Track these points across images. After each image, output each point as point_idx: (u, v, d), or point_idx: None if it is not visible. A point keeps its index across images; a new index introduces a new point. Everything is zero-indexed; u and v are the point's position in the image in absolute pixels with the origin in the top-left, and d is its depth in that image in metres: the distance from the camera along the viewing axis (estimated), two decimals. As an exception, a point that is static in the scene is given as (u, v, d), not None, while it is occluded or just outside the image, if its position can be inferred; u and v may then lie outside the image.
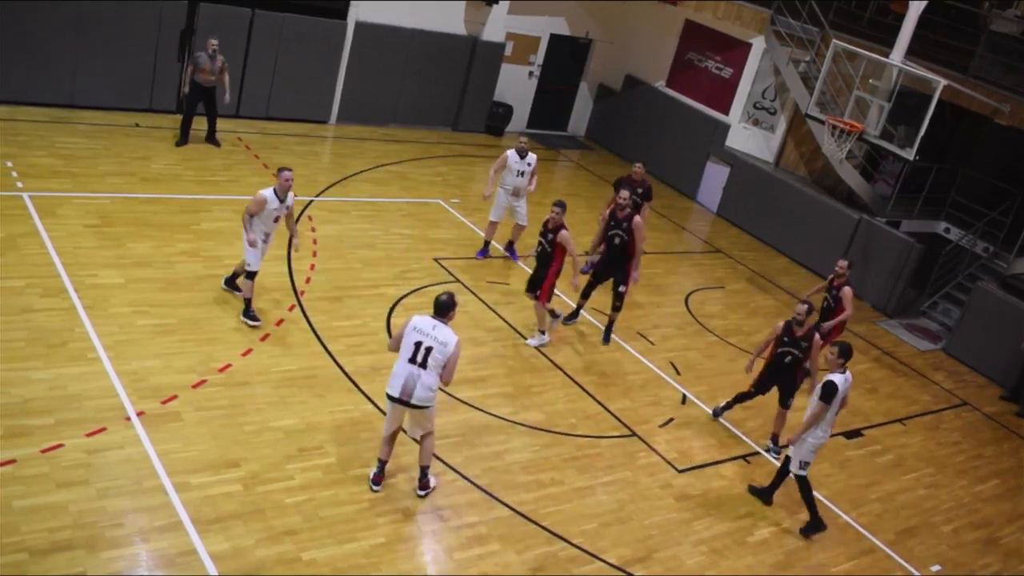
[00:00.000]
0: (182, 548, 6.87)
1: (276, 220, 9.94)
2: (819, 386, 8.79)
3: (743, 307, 14.35)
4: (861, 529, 9.61)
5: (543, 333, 11.37)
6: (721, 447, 10.33)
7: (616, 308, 11.76)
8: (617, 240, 11.49)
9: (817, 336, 10.10)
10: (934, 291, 16.18)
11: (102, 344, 8.98)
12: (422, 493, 8.16)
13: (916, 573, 9.18)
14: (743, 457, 10.27)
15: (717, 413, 10.83)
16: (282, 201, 9.78)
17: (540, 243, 11.17)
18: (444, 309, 7.73)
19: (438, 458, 8.71)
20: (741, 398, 10.57)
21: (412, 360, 7.59)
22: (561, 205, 11.08)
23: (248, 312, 10.05)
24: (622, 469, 9.40)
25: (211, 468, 7.77)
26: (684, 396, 11.19)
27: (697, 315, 13.57)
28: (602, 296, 12.22)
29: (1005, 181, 16.54)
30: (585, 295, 12.02)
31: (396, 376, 7.65)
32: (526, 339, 11.41)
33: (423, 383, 7.59)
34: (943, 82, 13.97)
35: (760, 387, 10.41)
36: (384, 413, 9.11)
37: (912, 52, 15.06)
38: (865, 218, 16.09)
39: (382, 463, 8.09)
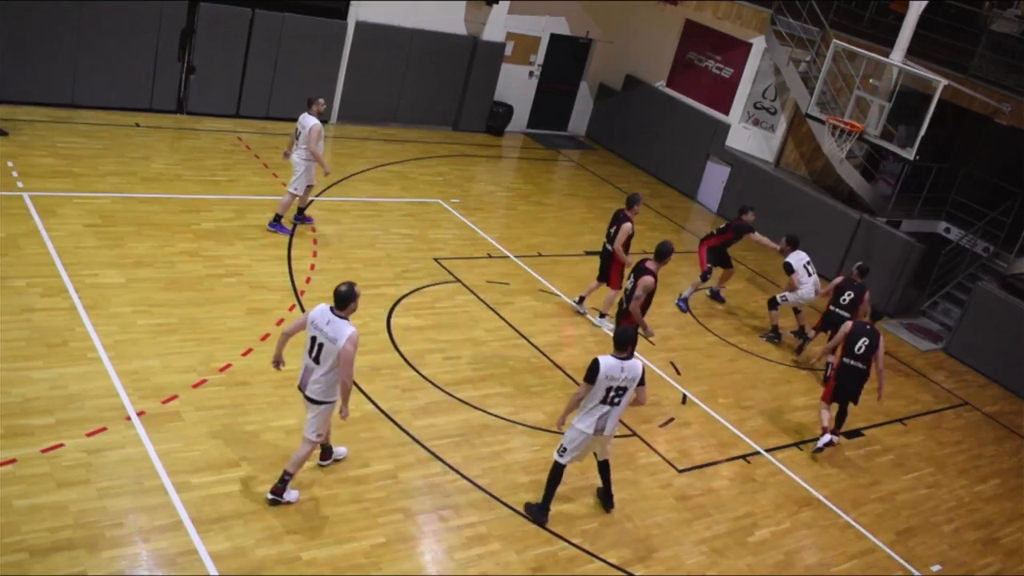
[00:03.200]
0: (182, 548, 6.88)
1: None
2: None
3: (743, 307, 14.35)
4: (861, 529, 9.61)
5: (603, 316, 12.32)
6: (721, 447, 10.33)
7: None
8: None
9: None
10: (934, 291, 16.18)
11: (103, 344, 8.98)
12: (271, 498, 7.53)
13: (916, 573, 9.18)
14: (743, 457, 10.27)
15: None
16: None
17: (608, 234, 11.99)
18: (343, 301, 7.29)
19: (438, 458, 8.72)
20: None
21: (308, 354, 7.36)
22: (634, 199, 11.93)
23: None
24: (622, 469, 9.39)
25: (211, 468, 7.77)
26: (684, 396, 11.19)
27: (697, 315, 13.57)
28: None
29: (1005, 181, 16.55)
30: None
31: (302, 368, 7.47)
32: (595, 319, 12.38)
33: (316, 378, 7.32)
34: (943, 82, 13.97)
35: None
36: (385, 413, 9.16)
37: (912, 52, 15.06)
38: (865, 218, 16.09)
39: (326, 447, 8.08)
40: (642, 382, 7.98)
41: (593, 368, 7.76)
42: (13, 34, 13.74)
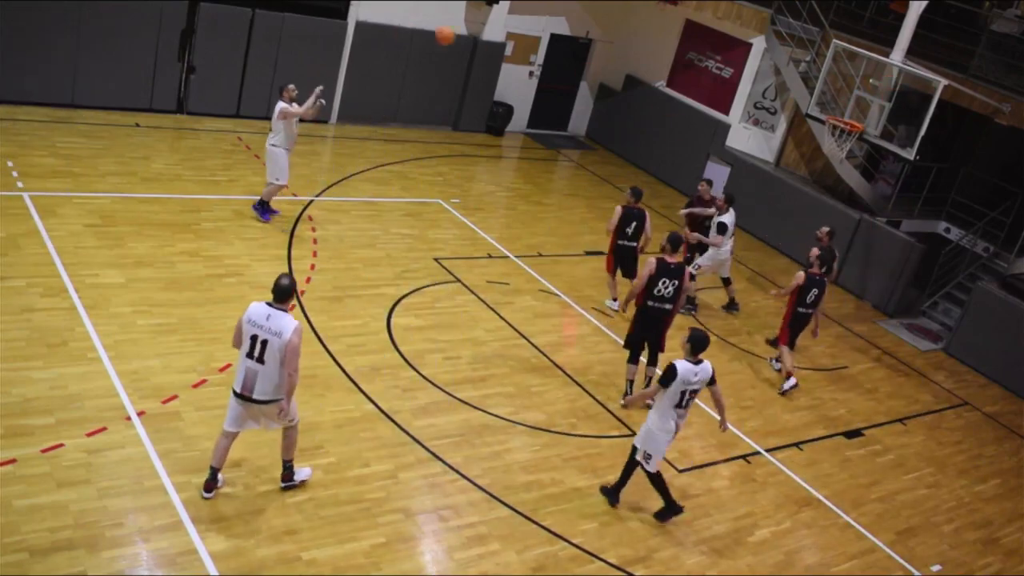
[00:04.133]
0: (182, 548, 6.88)
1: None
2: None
3: (743, 306, 14.33)
4: (862, 529, 9.61)
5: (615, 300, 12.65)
6: (721, 447, 10.33)
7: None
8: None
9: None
10: (934, 291, 16.18)
11: (103, 344, 8.99)
12: (284, 486, 7.71)
13: (917, 573, 9.18)
14: (743, 457, 10.27)
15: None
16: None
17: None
18: (285, 294, 7.13)
19: (438, 458, 8.71)
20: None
21: (250, 355, 7.04)
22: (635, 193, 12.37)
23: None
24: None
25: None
26: (684, 396, 11.18)
27: (697, 315, 13.56)
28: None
29: (1006, 181, 16.54)
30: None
31: (239, 371, 7.14)
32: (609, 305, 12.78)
33: (264, 377, 7.05)
34: (943, 82, 13.96)
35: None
36: (385, 413, 9.15)
37: (912, 52, 15.06)
38: (865, 218, 16.09)
39: (215, 470, 7.39)
40: (713, 381, 8.34)
41: (671, 373, 8.05)
42: (13, 34, 13.74)
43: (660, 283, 10.07)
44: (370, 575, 7.16)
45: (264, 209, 12.60)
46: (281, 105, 12.15)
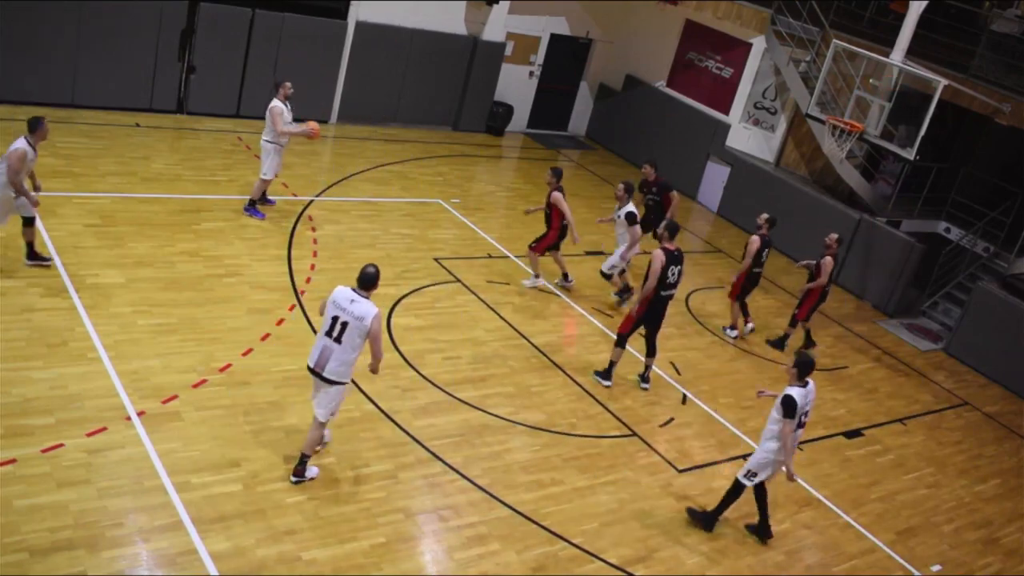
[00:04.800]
0: (183, 548, 6.88)
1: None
2: (779, 399, 8.42)
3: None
4: (862, 529, 9.61)
5: (537, 277, 12.78)
6: (721, 447, 10.33)
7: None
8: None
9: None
10: (935, 291, 16.18)
11: (103, 344, 8.98)
12: (294, 480, 7.79)
13: (917, 573, 9.18)
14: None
15: None
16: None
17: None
18: (367, 282, 7.50)
19: (438, 458, 8.71)
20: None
21: (328, 334, 7.45)
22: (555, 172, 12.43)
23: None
24: (622, 469, 9.40)
25: (212, 468, 7.77)
26: (684, 396, 11.19)
27: (697, 315, 13.57)
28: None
29: (1005, 181, 16.56)
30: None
31: (315, 348, 7.56)
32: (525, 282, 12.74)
33: (336, 358, 7.43)
34: (943, 82, 13.97)
35: None
36: (385, 413, 9.15)
37: (912, 52, 15.06)
38: (865, 218, 16.09)
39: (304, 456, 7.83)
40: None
41: (791, 404, 8.23)
42: (13, 34, 13.74)
43: (669, 271, 10.43)
44: (370, 575, 7.16)
45: (255, 208, 12.63)
46: (276, 104, 12.22)
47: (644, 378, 11.08)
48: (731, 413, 11.05)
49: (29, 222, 9.86)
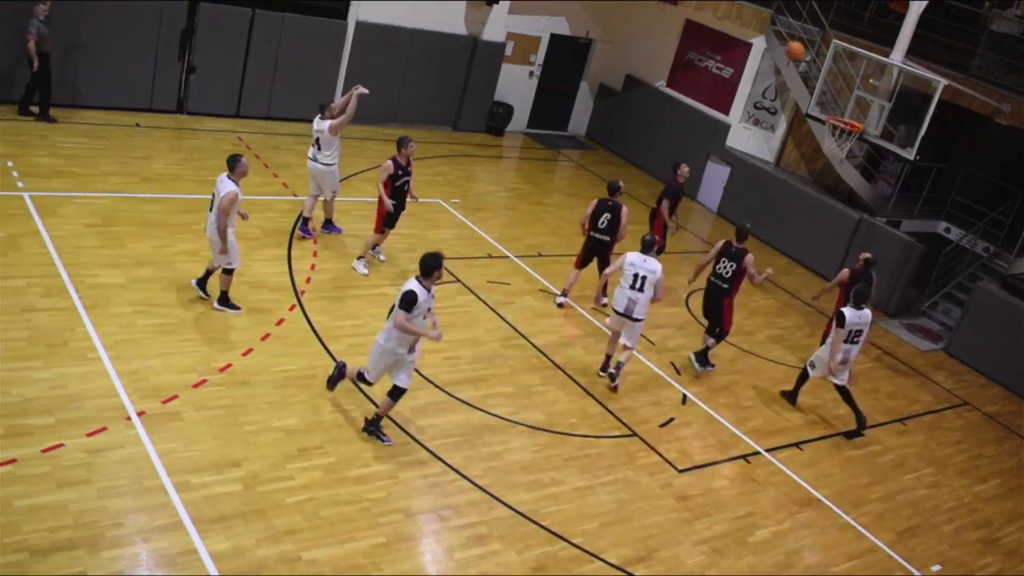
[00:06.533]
0: (182, 548, 6.88)
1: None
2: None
3: (743, 307, 14.30)
4: (862, 529, 9.61)
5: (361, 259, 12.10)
6: (721, 447, 10.34)
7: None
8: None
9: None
10: (935, 291, 16.18)
11: (103, 344, 8.99)
12: (604, 374, 10.87)
13: (917, 573, 9.18)
14: (743, 457, 10.27)
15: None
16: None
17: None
18: (647, 247, 10.38)
19: (438, 458, 8.72)
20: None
21: (632, 287, 10.30)
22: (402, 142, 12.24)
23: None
24: (622, 469, 9.40)
25: (212, 468, 7.77)
26: (684, 396, 11.20)
27: (697, 315, 13.56)
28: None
29: (1005, 181, 16.54)
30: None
31: (619, 298, 10.44)
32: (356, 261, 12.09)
33: (640, 303, 10.33)
34: (943, 82, 13.97)
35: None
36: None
37: (912, 52, 15.06)
38: (865, 218, 16.08)
39: (608, 356, 10.92)
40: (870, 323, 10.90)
41: (841, 317, 10.56)
42: (13, 34, 13.72)
43: (720, 263, 11.69)
44: (370, 575, 7.16)
45: (332, 225, 12.88)
46: (330, 123, 12.05)
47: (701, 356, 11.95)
48: (731, 413, 11.06)
49: (228, 271, 10.03)
